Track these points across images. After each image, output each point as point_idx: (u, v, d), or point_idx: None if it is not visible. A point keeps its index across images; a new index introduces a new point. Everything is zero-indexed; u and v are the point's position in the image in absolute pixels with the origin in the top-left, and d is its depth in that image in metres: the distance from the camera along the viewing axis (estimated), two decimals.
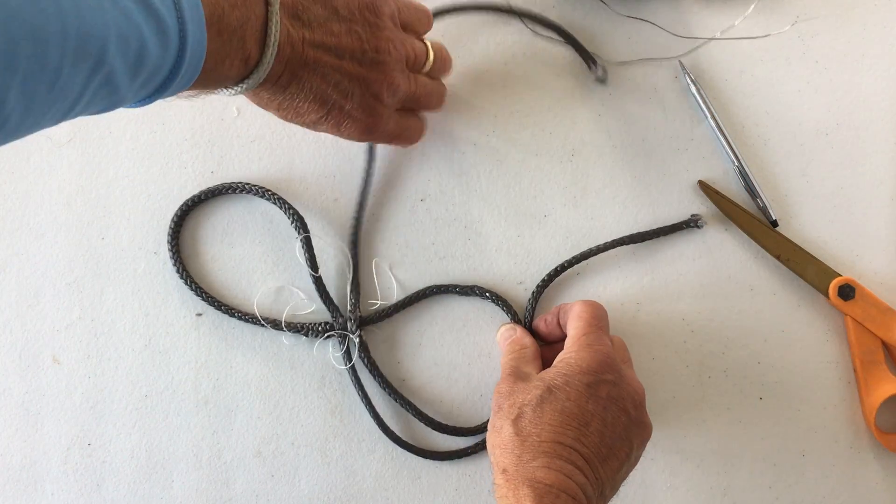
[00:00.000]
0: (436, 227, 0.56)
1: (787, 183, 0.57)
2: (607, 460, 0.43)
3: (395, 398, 0.54)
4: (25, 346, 0.55)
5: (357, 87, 0.44)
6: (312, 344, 0.55)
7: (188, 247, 0.55)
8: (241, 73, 0.40)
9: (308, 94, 0.43)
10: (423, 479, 0.55)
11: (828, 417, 0.56)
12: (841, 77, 0.57)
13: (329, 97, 0.44)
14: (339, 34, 0.43)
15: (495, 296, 0.55)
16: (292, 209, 0.54)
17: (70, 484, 0.54)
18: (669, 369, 0.56)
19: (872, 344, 0.55)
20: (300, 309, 0.55)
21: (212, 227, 0.56)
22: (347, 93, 0.44)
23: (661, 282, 0.56)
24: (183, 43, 0.34)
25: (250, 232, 0.56)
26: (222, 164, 0.56)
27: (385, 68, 0.45)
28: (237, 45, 0.38)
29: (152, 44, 0.33)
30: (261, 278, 0.55)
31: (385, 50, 0.45)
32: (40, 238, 0.55)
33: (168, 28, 0.33)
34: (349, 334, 0.53)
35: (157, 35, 0.33)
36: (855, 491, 0.56)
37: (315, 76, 0.43)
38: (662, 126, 0.57)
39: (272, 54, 0.40)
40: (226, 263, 0.56)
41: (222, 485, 0.55)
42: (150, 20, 0.33)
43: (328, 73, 0.43)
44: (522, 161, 0.57)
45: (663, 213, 0.56)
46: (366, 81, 0.45)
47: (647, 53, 0.57)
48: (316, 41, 0.42)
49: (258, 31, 0.39)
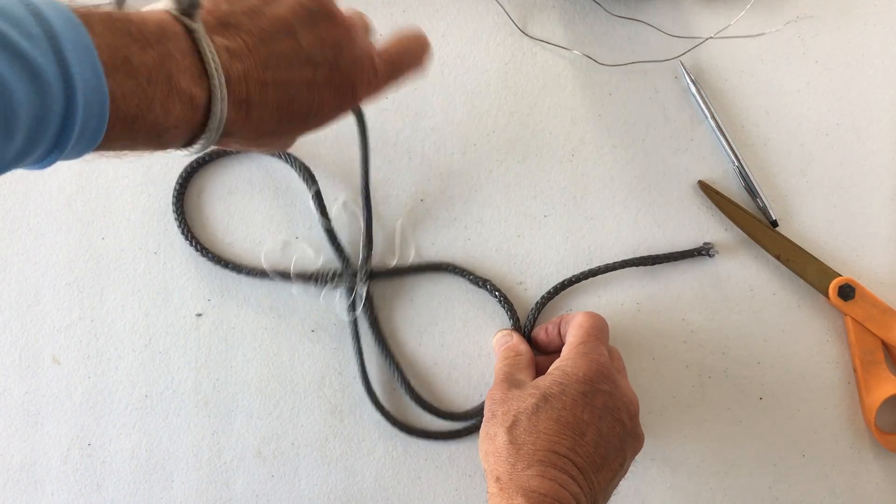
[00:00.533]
0: (436, 227, 0.56)
1: (787, 183, 0.57)
2: (601, 470, 0.43)
3: (387, 358, 0.54)
4: (25, 346, 0.55)
5: (330, 52, 0.38)
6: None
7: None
8: (188, 117, 0.33)
9: (274, 111, 0.37)
10: (423, 479, 0.55)
11: (828, 417, 0.56)
12: (841, 77, 0.57)
13: (300, 91, 0.37)
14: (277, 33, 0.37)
15: (503, 297, 0.55)
16: (299, 162, 0.54)
17: (70, 484, 0.54)
18: (669, 369, 0.56)
19: (872, 344, 0.55)
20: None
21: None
22: (320, 61, 0.37)
23: (661, 282, 0.56)
24: (70, 89, 0.29)
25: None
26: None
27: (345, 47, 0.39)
28: (164, 87, 0.32)
29: (21, 92, 0.28)
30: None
31: (340, 36, 0.39)
32: (40, 238, 0.55)
33: (43, 72, 0.28)
34: (358, 283, 0.54)
35: (26, 81, 0.28)
36: (855, 491, 0.56)
37: (275, 89, 0.36)
38: (662, 126, 0.57)
39: (221, 90, 0.34)
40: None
41: (222, 485, 0.55)
42: (14, 64, 0.28)
43: (289, 80, 0.37)
44: (522, 161, 0.57)
45: (663, 213, 0.56)
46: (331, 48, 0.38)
47: (647, 54, 0.57)
48: (261, 53, 0.36)
49: (192, 67, 0.33)
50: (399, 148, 0.56)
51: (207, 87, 0.34)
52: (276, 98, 0.36)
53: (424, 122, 0.56)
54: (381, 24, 0.57)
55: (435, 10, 0.57)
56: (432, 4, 0.57)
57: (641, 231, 0.56)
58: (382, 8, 0.57)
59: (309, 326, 0.55)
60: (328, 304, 0.55)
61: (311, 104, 0.38)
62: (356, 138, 0.55)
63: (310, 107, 0.38)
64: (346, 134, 0.55)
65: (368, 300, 0.55)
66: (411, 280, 0.56)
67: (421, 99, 0.56)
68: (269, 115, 0.37)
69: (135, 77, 0.31)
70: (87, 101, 0.30)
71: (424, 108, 0.57)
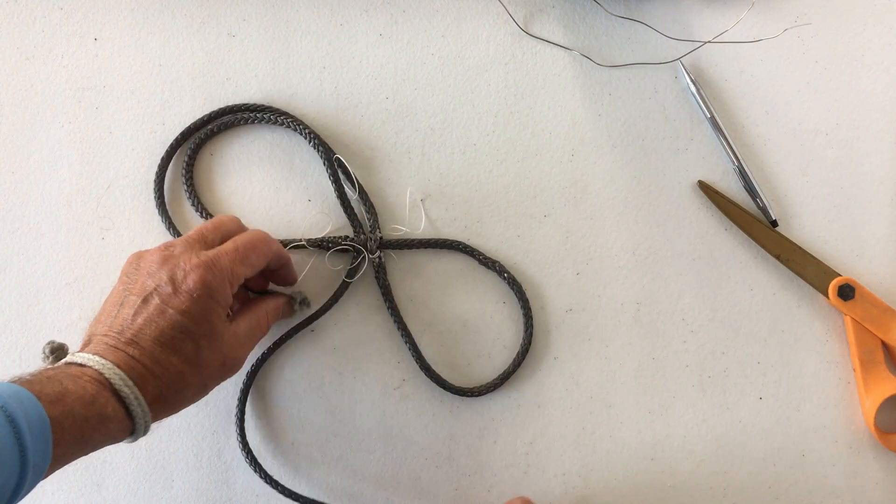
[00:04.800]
0: (436, 228, 0.56)
1: (787, 183, 0.57)
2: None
3: (399, 324, 0.55)
4: (25, 346, 0.55)
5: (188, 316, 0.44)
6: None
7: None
8: (123, 425, 0.41)
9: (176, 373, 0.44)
10: (423, 479, 0.55)
11: (828, 417, 0.56)
12: (841, 77, 0.57)
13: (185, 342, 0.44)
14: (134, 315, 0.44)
15: (512, 278, 0.55)
16: (308, 128, 0.55)
17: (70, 484, 0.54)
18: (669, 369, 0.56)
19: (872, 344, 0.55)
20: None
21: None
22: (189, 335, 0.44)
23: (661, 282, 0.56)
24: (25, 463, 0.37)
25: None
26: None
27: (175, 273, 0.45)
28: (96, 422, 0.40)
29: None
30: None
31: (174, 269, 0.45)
32: (40, 238, 0.55)
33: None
34: (368, 248, 0.54)
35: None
36: (855, 491, 0.56)
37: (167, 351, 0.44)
38: (662, 126, 0.57)
39: (134, 395, 0.41)
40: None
41: (222, 485, 0.55)
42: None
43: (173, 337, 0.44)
44: (522, 161, 0.57)
45: (663, 212, 0.56)
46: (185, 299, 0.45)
47: (647, 54, 0.57)
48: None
49: (104, 395, 0.41)
50: (399, 148, 0.56)
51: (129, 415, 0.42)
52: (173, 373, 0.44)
53: (424, 122, 0.57)
54: (381, 23, 0.57)
55: (435, 10, 0.57)
56: (432, 4, 0.57)
57: (641, 231, 0.56)
58: (382, 8, 0.57)
59: (309, 326, 0.55)
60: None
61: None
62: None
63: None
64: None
65: (381, 269, 0.55)
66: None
67: (421, 99, 0.57)
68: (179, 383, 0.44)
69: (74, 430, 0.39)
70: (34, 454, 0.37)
71: (424, 108, 0.57)
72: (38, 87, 0.56)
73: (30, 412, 0.37)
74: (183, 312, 0.44)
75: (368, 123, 0.56)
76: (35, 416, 0.37)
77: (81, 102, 0.56)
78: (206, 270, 0.45)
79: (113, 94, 0.56)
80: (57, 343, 0.43)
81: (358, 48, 0.57)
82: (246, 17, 0.57)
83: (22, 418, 0.37)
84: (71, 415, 0.39)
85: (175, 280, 0.44)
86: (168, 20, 0.56)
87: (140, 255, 0.47)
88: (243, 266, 0.47)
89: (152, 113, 0.56)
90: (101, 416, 0.40)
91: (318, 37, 0.57)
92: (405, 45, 0.57)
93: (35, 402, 0.38)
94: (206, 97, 0.56)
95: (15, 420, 0.37)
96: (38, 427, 0.37)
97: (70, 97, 0.56)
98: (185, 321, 0.44)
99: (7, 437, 0.36)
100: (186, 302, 0.44)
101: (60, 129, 0.56)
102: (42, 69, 0.56)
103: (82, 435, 0.39)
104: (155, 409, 0.43)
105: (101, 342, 0.43)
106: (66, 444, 0.39)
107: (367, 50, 0.57)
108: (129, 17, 0.56)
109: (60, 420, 0.38)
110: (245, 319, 0.49)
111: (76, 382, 0.40)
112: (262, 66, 0.56)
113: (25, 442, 0.37)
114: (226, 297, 0.46)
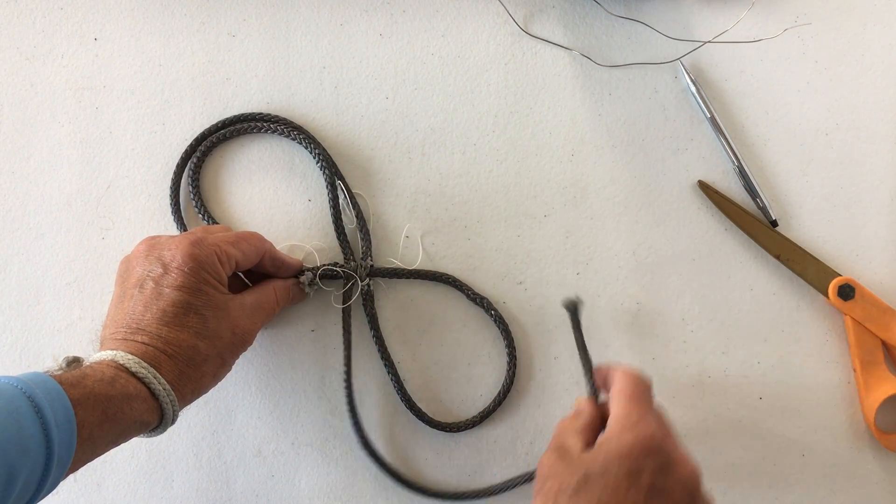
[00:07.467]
0: (436, 227, 0.56)
1: (787, 183, 0.57)
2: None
3: (383, 357, 0.55)
4: (25, 346, 0.55)
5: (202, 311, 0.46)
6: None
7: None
8: (149, 405, 0.42)
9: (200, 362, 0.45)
10: (423, 479, 0.55)
11: (828, 417, 0.56)
12: (841, 77, 0.57)
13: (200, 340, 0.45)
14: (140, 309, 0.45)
15: (498, 316, 0.55)
16: (318, 147, 0.55)
17: (70, 484, 0.54)
18: (669, 369, 0.56)
19: (872, 344, 0.55)
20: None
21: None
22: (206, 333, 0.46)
23: (661, 282, 0.56)
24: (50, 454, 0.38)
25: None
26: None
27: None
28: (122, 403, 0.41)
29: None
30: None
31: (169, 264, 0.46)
32: (40, 238, 0.55)
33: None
34: (357, 277, 0.54)
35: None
36: (855, 491, 0.56)
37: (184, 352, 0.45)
38: (662, 126, 0.57)
39: (153, 375, 0.42)
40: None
41: (222, 485, 0.55)
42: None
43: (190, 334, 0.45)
44: (522, 161, 0.57)
45: (663, 212, 0.56)
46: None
47: (647, 54, 0.57)
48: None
49: (123, 377, 0.42)
50: (399, 148, 0.56)
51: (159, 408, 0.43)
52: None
53: (424, 122, 0.57)
54: (381, 23, 0.57)
55: (435, 10, 0.57)
56: (432, 4, 0.57)
57: (641, 231, 0.56)
58: (382, 8, 0.57)
59: (309, 326, 0.55)
60: (326, 291, 0.55)
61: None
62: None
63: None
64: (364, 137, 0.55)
65: (369, 297, 0.55)
66: (411, 285, 0.56)
67: (421, 99, 0.57)
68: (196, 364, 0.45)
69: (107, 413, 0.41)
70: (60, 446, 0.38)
71: (424, 108, 0.57)
72: (38, 87, 0.56)
73: (55, 403, 0.38)
74: (178, 287, 0.45)
75: (368, 123, 0.56)
76: (60, 406, 0.38)
77: (81, 102, 0.56)
78: (192, 245, 0.46)
79: (113, 94, 0.56)
80: (73, 356, 0.44)
81: (358, 48, 0.57)
82: (246, 18, 0.57)
83: (48, 409, 0.37)
84: (92, 395, 0.39)
85: (164, 261, 0.46)
86: (168, 20, 0.56)
87: (127, 256, 0.48)
88: (233, 248, 0.48)
89: (152, 113, 0.56)
90: (124, 395, 0.41)
91: (318, 37, 0.57)
92: (405, 45, 0.57)
93: (60, 393, 0.38)
94: (206, 97, 0.56)
95: (42, 411, 0.37)
96: (63, 418, 0.38)
97: (70, 97, 0.56)
98: (183, 295, 0.45)
99: (34, 427, 0.37)
100: (179, 277, 0.45)
101: (60, 129, 0.56)
102: (42, 69, 0.56)
103: (106, 414, 0.40)
104: (180, 389, 0.44)
105: (111, 340, 0.44)
106: (90, 425, 0.39)
107: (367, 50, 0.57)
108: (129, 17, 0.57)
109: (82, 401, 0.39)
110: (252, 293, 0.50)
111: (94, 369, 0.41)
112: (262, 66, 0.56)
113: (52, 434, 0.37)
114: (216, 269, 0.47)
